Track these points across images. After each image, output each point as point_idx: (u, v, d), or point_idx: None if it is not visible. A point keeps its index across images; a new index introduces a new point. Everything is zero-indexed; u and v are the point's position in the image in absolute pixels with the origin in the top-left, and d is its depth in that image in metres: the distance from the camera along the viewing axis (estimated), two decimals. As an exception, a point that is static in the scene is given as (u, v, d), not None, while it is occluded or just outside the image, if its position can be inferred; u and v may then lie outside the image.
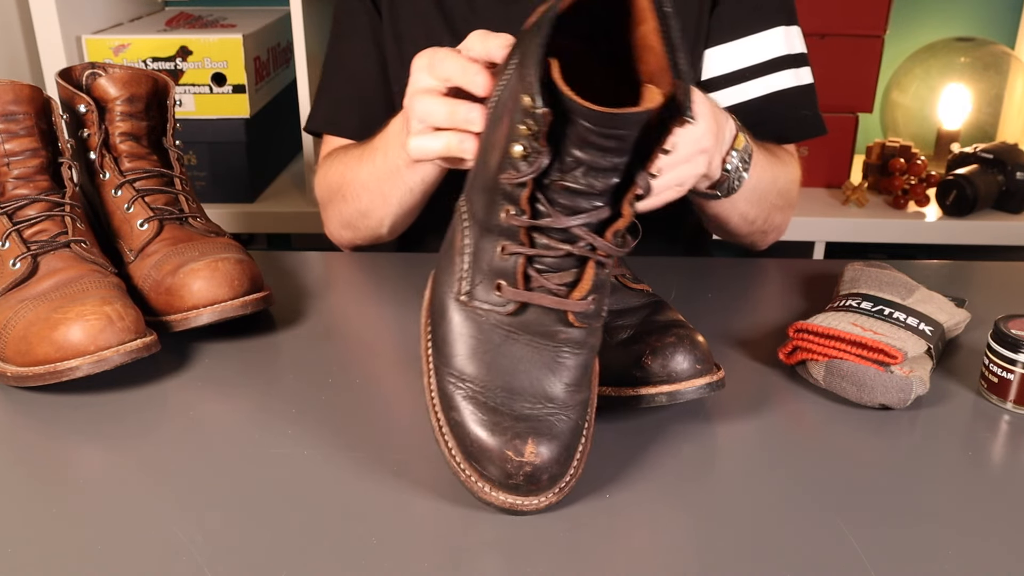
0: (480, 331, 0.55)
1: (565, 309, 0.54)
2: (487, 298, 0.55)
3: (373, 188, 0.86)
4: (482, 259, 0.56)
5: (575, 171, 0.52)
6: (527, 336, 0.55)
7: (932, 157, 1.77)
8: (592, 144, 0.51)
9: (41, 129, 0.74)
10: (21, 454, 0.60)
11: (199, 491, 0.56)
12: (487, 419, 0.53)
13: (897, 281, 0.75)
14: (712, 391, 0.61)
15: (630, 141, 0.51)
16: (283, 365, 0.71)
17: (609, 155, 0.51)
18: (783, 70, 0.93)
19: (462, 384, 0.55)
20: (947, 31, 1.83)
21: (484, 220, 0.56)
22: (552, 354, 0.55)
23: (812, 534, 0.52)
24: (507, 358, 0.55)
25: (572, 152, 0.52)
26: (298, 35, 1.44)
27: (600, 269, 0.55)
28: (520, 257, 0.54)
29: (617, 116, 0.49)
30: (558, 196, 0.53)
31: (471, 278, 0.56)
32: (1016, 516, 0.54)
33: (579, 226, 0.53)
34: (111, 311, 0.65)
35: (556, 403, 0.54)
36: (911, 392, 0.63)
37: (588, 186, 0.52)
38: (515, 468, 0.52)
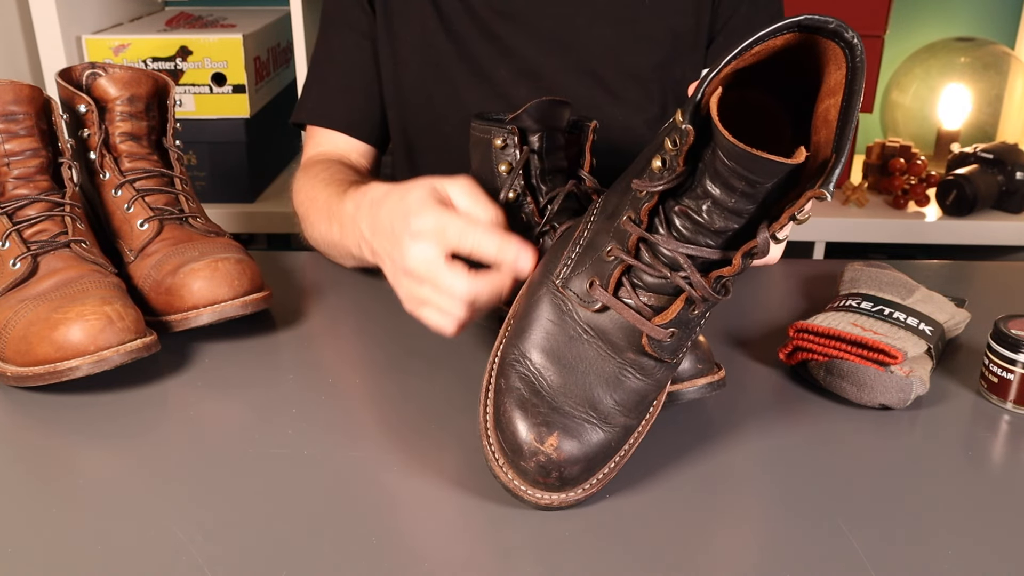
0: (559, 320, 0.56)
1: (641, 329, 0.54)
2: (578, 289, 0.56)
3: (330, 248, 0.84)
4: (590, 253, 0.56)
5: (701, 202, 0.52)
6: (598, 341, 0.55)
7: (932, 157, 1.77)
8: (724, 180, 0.50)
9: (41, 129, 0.74)
10: (21, 454, 0.60)
11: (199, 491, 0.56)
12: (527, 399, 0.54)
13: (897, 281, 0.75)
14: (713, 391, 0.61)
15: (762, 190, 0.50)
16: (283, 365, 0.71)
17: (737, 197, 0.51)
18: None
19: (523, 360, 0.55)
20: (947, 31, 1.83)
21: (608, 218, 0.57)
22: (615, 368, 0.55)
23: (812, 534, 0.52)
24: (572, 354, 0.55)
25: (704, 182, 0.51)
26: (298, 35, 1.44)
27: (689, 306, 0.54)
28: (620, 263, 0.54)
29: (754, 157, 0.48)
30: (677, 220, 0.53)
31: (573, 266, 0.57)
32: (1016, 516, 0.54)
33: (685, 255, 0.53)
34: (111, 311, 0.65)
35: (598, 415, 0.54)
36: (911, 392, 0.63)
37: (708, 222, 0.52)
38: (530, 452, 0.52)
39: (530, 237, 0.69)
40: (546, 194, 0.69)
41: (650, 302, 0.54)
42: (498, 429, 0.55)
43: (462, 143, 0.75)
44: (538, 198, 0.69)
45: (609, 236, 0.56)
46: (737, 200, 0.51)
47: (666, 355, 0.55)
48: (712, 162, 0.51)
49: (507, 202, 0.69)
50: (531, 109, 0.68)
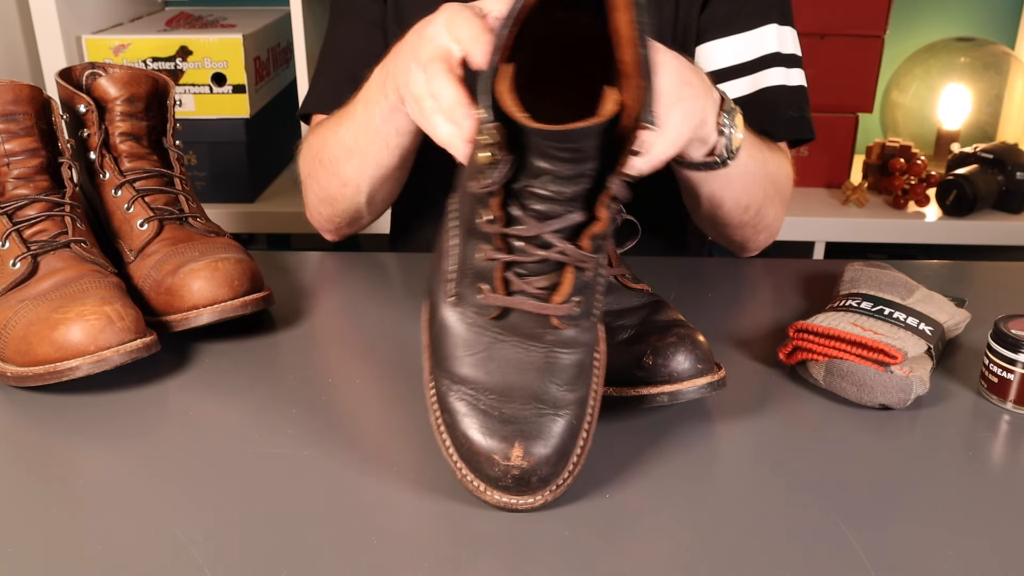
0: (470, 333, 0.55)
1: (546, 313, 0.54)
2: (471, 301, 0.55)
3: (351, 145, 0.82)
4: (467, 261, 0.56)
5: (542, 179, 0.51)
6: (515, 338, 0.55)
7: (932, 157, 1.77)
8: (548, 155, 0.50)
9: (41, 129, 0.74)
10: (21, 454, 0.60)
11: (199, 491, 0.56)
12: (477, 422, 0.53)
13: (897, 281, 0.75)
14: (713, 391, 0.61)
15: (589, 150, 0.50)
16: (283, 365, 0.71)
17: (570, 164, 0.50)
18: (773, 67, 0.91)
19: (455, 386, 0.55)
20: (947, 31, 1.83)
21: (467, 222, 0.56)
22: (542, 355, 0.55)
23: (812, 534, 0.52)
24: (497, 360, 0.55)
25: (534, 163, 0.51)
26: (298, 35, 1.44)
27: (581, 273, 0.54)
28: (497, 262, 0.54)
29: (563, 132, 0.48)
30: (530, 202, 0.52)
31: (458, 280, 0.56)
32: (1016, 516, 0.54)
33: (551, 232, 0.52)
34: (111, 311, 0.65)
35: (547, 404, 0.54)
36: (911, 392, 0.63)
37: (557, 193, 0.51)
38: (503, 472, 0.52)
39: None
40: None
41: (543, 284, 0.54)
42: (464, 460, 0.54)
43: None
44: None
45: (476, 240, 0.55)
46: (572, 166, 0.50)
47: (582, 320, 0.55)
48: (531, 143, 0.50)
49: None
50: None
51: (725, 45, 0.91)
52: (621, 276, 0.67)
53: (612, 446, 0.60)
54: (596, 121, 0.48)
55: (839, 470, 0.58)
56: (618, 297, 0.66)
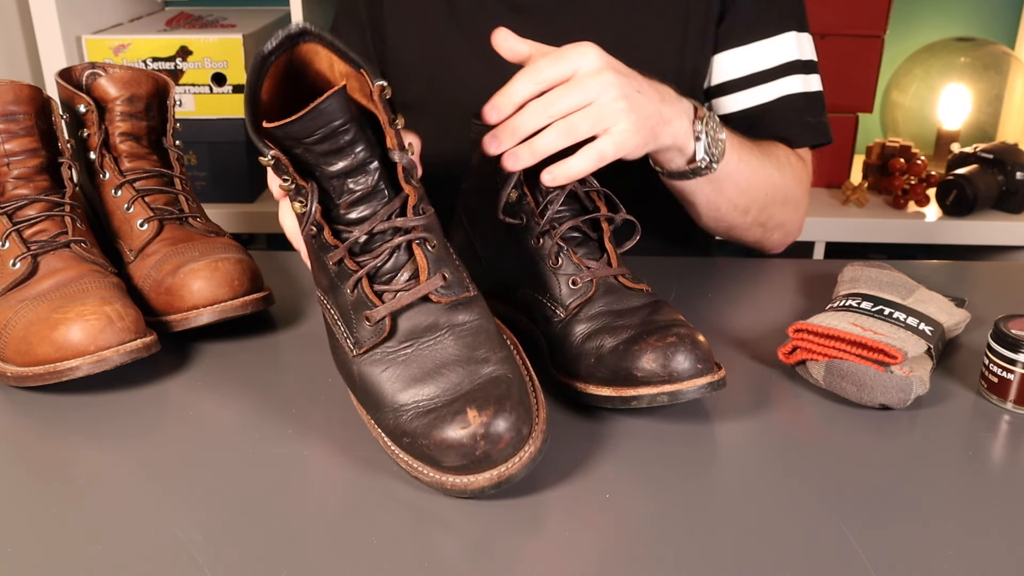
0: (386, 366, 0.57)
1: (425, 294, 0.57)
2: (369, 337, 0.58)
3: None
4: (346, 314, 0.59)
5: (341, 182, 0.57)
6: (419, 342, 0.57)
7: (932, 157, 1.77)
8: (320, 152, 0.56)
9: (41, 129, 0.74)
10: (21, 454, 0.60)
11: (199, 491, 0.56)
12: (432, 430, 0.54)
13: (897, 281, 0.75)
14: (713, 390, 0.61)
15: (346, 131, 0.56)
16: (283, 365, 0.71)
17: (342, 152, 0.56)
18: (792, 75, 0.92)
19: (400, 414, 0.56)
20: (947, 31, 1.83)
21: (330, 286, 0.60)
22: (448, 339, 0.57)
23: (812, 534, 0.52)
24: (418, 369, 0.56)
25: (323, 171, 0.57)
26: (298, 35, 1.44)
27: (426, 245, 0.58)
28: (362, 280, 0.58)
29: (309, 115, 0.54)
30: (348, 213, 0.58)
31: (348, 333, 0.59)
32: (1016, 516, 0.54)
33: (380, 223, 0.57)
34: (111, 311, 0.65)
35: (476, 375, 0.55)
36: (911, 392, 0.63)
37: (364, 187, 0.57)
38: (480, 453, 0.52)
39: (529, 237, 0.69)
40: (546, 194, 0.69)
41: (407, 276, 0.58)
42: (446, 471, 0.54)
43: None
44: (538, 198, 0.69)
45: (340, 289, 0.59)
46: (345, 152, 0.56)
47: (459, 291, 0.58)
48: (308, 154, 0.56)
49: (507, 201, 0.69)
50: None
51: (744, 54, 0.92)
52: (621, 276, 0.67)
53: (612, 446, 0.60)
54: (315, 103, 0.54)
55: (839, 470, 0.58)
56: (618, 297, 0.66)
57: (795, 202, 0.92)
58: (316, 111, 0.54)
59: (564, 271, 0.67)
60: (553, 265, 0.67)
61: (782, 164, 0.89)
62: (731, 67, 0.93)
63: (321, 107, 0.54)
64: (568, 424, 0.63)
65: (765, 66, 0.92)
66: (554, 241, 0.67)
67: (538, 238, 0.68)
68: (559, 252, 0.67)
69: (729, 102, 0.94)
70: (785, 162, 0.90)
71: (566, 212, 0.69)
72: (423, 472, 0.55)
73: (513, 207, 0.69)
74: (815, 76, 0.94)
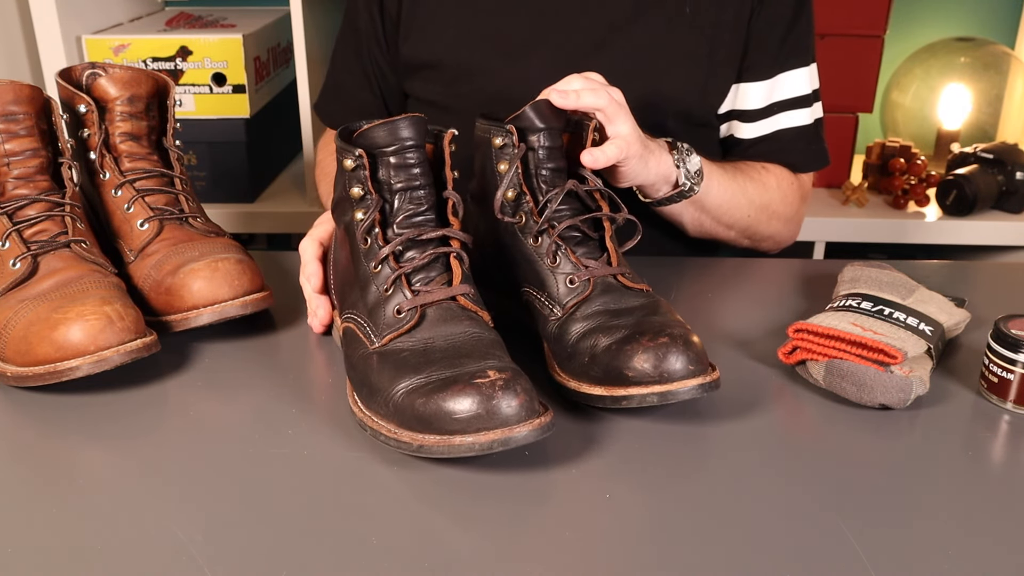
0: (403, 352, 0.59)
1: (455, 295, 0.61)
2: (393, 326, 0.61)
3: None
4: (376, 311, 0.62)
5: (399, 198, 0.63)
6: (439, 338, 0.59)
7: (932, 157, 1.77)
8: (390, 164, 0.63)
9: (41, 129, 0.74)
10: (21, 454, 0.60)
11: (199, 491, 0.56)
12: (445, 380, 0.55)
13: (897, 281, 0.75)
14: (706, 392, 0.61)
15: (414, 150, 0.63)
16: (283, 365, 0.71)
17: (406, 168, 0.63)
18: (791, 110, 0.98)
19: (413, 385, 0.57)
20: (947, 31, 1.83)
21: (361, 295, 0.64)
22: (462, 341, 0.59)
23: (812, 534, 0.52)
24: (434, 357, 0.58)
25: (387, 184, 0.63)
26: (298, 35, 1.44)
27: (462, 261, 0.63)
28: (401, 277, 0.62)
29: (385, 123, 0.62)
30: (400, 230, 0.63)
31: (373, 327, 0.62)
32: (1016, 516, 0.54)
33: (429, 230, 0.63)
34: (111, 311, 0.65)
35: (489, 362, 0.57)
36: (911, 392, 0.63)
37: (416, 208, 0.64)
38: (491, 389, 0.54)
39: (528, 235, 0.69)
40: (545, 193, 0.69)
41: (441, 281, 0.63)
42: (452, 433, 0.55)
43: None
44: (537, 197, 0.69)
45: (373, 285, 0.63)
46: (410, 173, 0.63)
47: (479, 304, 0.62)
48: (380, 165, 0.63)
49: (506, 201, 0.69)
50: (530, 109, 0.69)
51: (764, 87, 0.97)
52: (620, 275, 0.67)
53: (613, 446, 0.60)
54: (401, 116, 0.63)
55: (839, 470, 0.58)
56: (616, 296, 0.66)
57: (784, 218, 0.98)
58: (400, 124, 0.62)
59: (562, 270, 0.67)
60: (551, 264, 0.67)
61: (768, 184, 0.95)
62: (750, 98, 0.97)
63: (405, 122, 0.62)
64: (569, 424, 0.63)
65: (779, 98, 0.97)
66: (552, 240, 0.67)
67: (536, 236, 0.68)
68: (557, 251, 0.67)
69: (745, 129, 0.98)
70: (774, 183, 0.96)
71: (566, 211, 0.69)
72: (428, 439, 0.55)
73: (512, 206, 0.69)
74: (819, 104, 1.00)
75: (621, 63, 0.94)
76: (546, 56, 0.95)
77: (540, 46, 0.95)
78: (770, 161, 0.98)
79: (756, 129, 0.98)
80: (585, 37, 0.95)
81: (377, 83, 1.04)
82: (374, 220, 0.63)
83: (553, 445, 0.60)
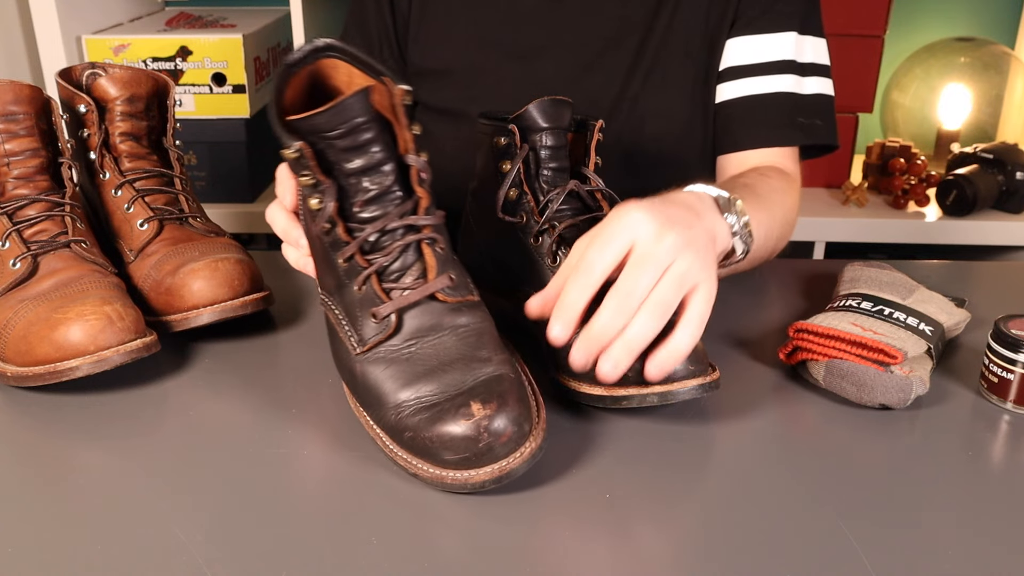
0: (388, 364, 0.58)
1: (432, 292, 0.58)
2: (373, 334, 0.58)
3: None
4: (352, 312, 0.60)
5: (355, 180, 0.58)
6: (420, 343, 0.57)
7: (932, 157, 1.77)
8: (340, 148, 0.57)
9: (41, 129, 0.74)
10: (21, 454, 0.60)
11: (199, 491, 0.56)
12: (433, 419, 0.54)
13: (897, 281, 0.75)
14: (706, 392, 0.61)
15: (366, 129, 0.57)
16: (283, 365, 0.71)
17: (360, 149, 0.57)
18: (783, 74, 0.92)
19: (399, 410, 0.56)
20: (947, 31, 1.83)
21: (336, 286, 0.61)
22: (452, 338, 0.57)
23: (812, 534, 0.52)
24: (420, 366, 0.57)
25: (341, 168, 0.58)
26: (298, 35, 1.44)
27: (435, 246, 0.59)
28: (372, 277, 0.58)
29: (334, 109, 0.56)
30: (362, 213, 0.59)
31: (353, 331, 0.59)
32: (1016, 516, 0.54)
33: (393, 221, 0.58)
34: (111, 311, 0.65)
35: (478, 373, 0.56)
36: (911, 392, 0.63)
37: (379, 186, 0.58)
38: (478, 432, 0.53)
39: (529, 235, 0.69)
40: (546, 193, 0.69)
41: (415, 274, 0.59)
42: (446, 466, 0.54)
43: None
44: (538, 197, 0.69)
45: (348, 286, 0.60)
46: (364, 152, 0.58)
47: (464, 292, 0.59)
48: (329, 150, 0.58)
49: (507, 200, 0.69)
50: (533, 108, 0.69)
51: (741, 44, 0.93)
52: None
53: (614, 446, 0.60)
54: (339, 100, 0.56)
55: (839, 470, 0.58)
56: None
57: (792, 222, 0.89)
58: (341, 106, 0.56)
59: None
60: (551, 263, 0.67)
61: (779, 198, 0.85)
62: (733, 55, 0.93)
63: (346, 103, 0.56)
64: (569, 424, 0.63)
65: (756, 60, 0.93)
66: (552, 240, 0.67)
67: (537, 236, 0.68)
68: (557, 251, 0.67)
69: (725, 89, 0.94)
70: (779, 191, 0.86)
71: (567, 211, 0.69)
72: (423, 468, 0.55)
73: (513, 205, 0.69)
74: (816, 79, 0.94)
75: (635, 62, 0.93)
76: (558, 60, 0.94)
77: (552, 50, 0.94)
78: (749, 130, 0.92)
79: (736, 89, 0.93)
80: (598, 38, 0.94)
81: None
82: (331, 208, 0.58)
83: (553, 445, 0.60)
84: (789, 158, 0.94)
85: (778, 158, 0.93)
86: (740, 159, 0.94)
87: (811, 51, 0.95)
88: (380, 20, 0.98)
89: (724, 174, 0.95)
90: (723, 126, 0.95)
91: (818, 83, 0.95)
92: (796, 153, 0.96)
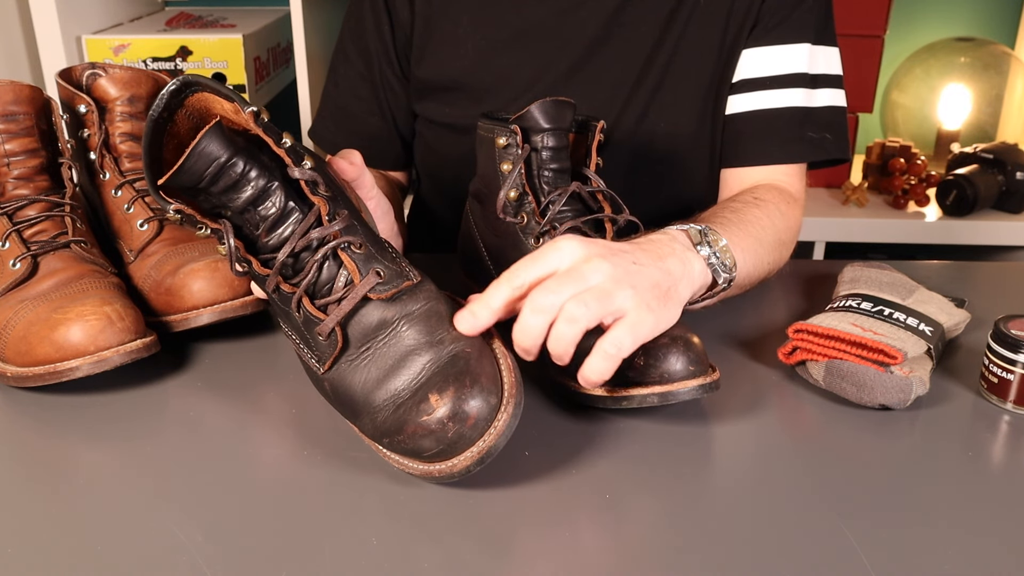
0: (352, 374, 0.57)
1: (365, 297, 0.57)
2: (328, 352, 0.58)
3: None
4: (302, 335, 0.59)
5: (249, 214, 0.58)
6: (374, 345, 0.57)
7: (932, 157, 1.77)
8: (218, 191, 0.57)
9: (41, 129, 0.74)
10: (21, 454, 0.60)
11: (199, 491, 0.56)
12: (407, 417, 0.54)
13: (897, 281, 0.75)
14: (706, 392, 0.61)
15: (233, 164, 0.56)
16: (283, 365, 0.71)
17: (238, 185, 0.57)
18: (793, 88, 0.91)
19: (373, 417, 0.56)
20: (947, 31, 1.83)
21: (283, 315, 0.60)
22: (403, 334, 0.57)
23: (812, 534, 0.52)
24: (383, 367, 0.56)
25: (230, 208, 0.58)
26: (298, 35, 1.44)
27: (352, 249, 0.58)
28: (302, 299, 0.58)
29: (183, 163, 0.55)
30: (270, 240, 0.58)
31: (312, 353, 0.59)
32: (1016, 516, 0.54)
33: (298, 240, 0.57)
34: (111, 311, 0.65)
35: (437, 357, 0.55)
36: (911, 392, 0.63)
37: (274, 209, 0.58)
38: (440, 426, 0.53)
39: (530, 236, 0.69)
40: (548, 194, 0.69)
41: (342, 283, 0.58)
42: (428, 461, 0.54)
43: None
44: (539, 198, 0.69)
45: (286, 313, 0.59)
46: (244, 185, 0.57)
47: (399, 281, 0.58)
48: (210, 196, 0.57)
49: (508, 201, 0.69)
50: (535, 109, 0.68)
51: (755, 55, 0.92)
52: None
53: (613, 446, 0.60)
54: (193, 143, 0.55)
55: (839, 470, 0.58)
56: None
57: (789, 242, 0.88)
58: (195, 154, 0.55)
59: None
60: None
61: (770, 222, 0.82)
62: (746, 67, 0.92)
63: (199, 149, 0.55)
64: (570, 425, 0.63)
65: (767, 73, 0.91)
66: (554, 241, 0.67)
67: (538, 237, 0.68)
68: None
69: (736, 101, 0.93)
70: (772, 214, 0.83)
71: (568, 212, 0.69)
72: (411, 466, 0.55)
73: (514, 206, 0.69)
74: (825, 91, 0.93)
75: (645, 75, 0.92)
76: (568, 74, 0.93)
77: (560, 64, 0.93)
78: (758, 145, 0.91)
79: (746, 102, 0.92)
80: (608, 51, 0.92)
81: (388, 106, 0.99)
82: (236, 247, 0.58)
83: (553, 445, 0.60)
84: (795, 174, 0.93)
85: (782, 175, 0.92)
86: (743, 174, 0.93)
87: (824, 62, 0.93)
88: (379, 36, 0.96)
89: (726, 187, 0.95)
90: (730, 140, 0.94)
91: (830, 95, 0.93)
92: (803, 168, 0.94)
